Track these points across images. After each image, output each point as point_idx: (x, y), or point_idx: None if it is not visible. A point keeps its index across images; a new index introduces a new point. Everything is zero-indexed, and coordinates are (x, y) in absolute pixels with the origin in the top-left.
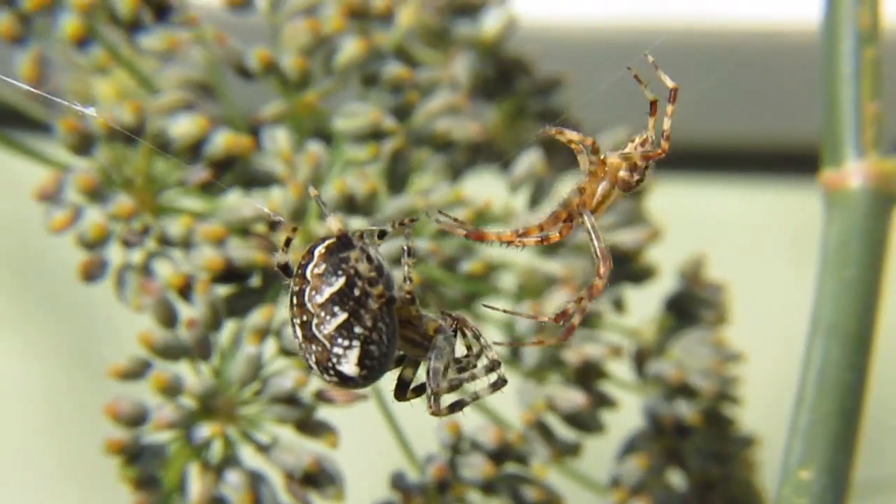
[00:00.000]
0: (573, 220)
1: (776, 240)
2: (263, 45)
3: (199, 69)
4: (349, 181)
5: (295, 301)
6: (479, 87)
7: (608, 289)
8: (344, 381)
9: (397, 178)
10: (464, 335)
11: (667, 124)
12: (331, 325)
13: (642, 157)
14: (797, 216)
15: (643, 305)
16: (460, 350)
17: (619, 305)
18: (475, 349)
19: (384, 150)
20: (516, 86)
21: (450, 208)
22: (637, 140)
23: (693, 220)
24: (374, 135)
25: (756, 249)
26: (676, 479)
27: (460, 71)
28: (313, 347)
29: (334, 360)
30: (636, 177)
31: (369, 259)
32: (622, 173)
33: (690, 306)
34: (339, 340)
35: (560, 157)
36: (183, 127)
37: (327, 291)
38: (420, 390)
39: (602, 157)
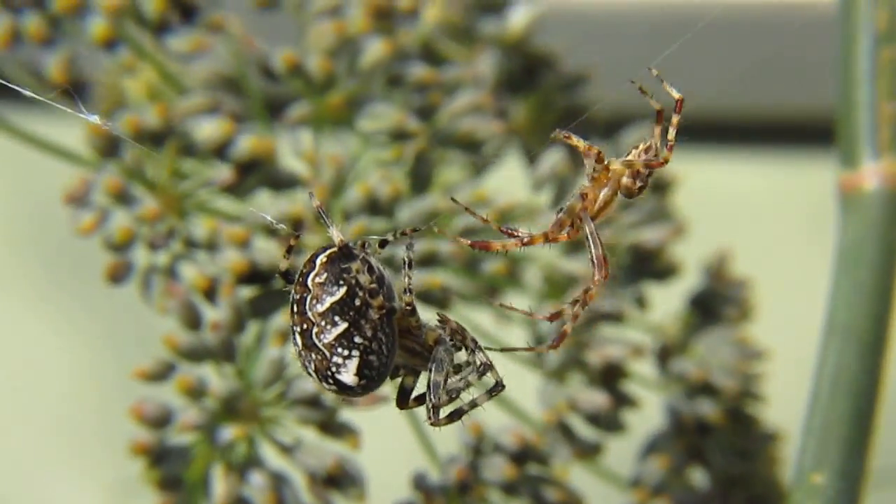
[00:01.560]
0: (575, 224)
1: (796, 214)
2: (289, 46)
3: (226, 63)
4: (373, 183)
5: (296, 309)
6: (505, 82)
7: (626, 289)
8: (343, 389)
9: (420, 178)
10: (457, 338)
11: (671, 134)
12: (331, 335)
13: (645, 166)
14: (819, 190)
15: (668, 296)
16: (460, 357)
17: (641, 302)
18: (467, 353)
19: (408, 151)
20: (542, 80)
21: (473, 208)
22: (641, 147)
23: (711, 196)
24: (399, 136)
25: (776, 224)
26: (699, 476)
27: (485, 68)
28: (313, 356)
29: (333, 369)
30: (639, 184)
31: (370, 270)
32: (625, 180)
33: (714, 303)
34: (339, 350)
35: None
36: (208, 130)
37: (328, 301)
38: (422, 399)
39: (606, 163)
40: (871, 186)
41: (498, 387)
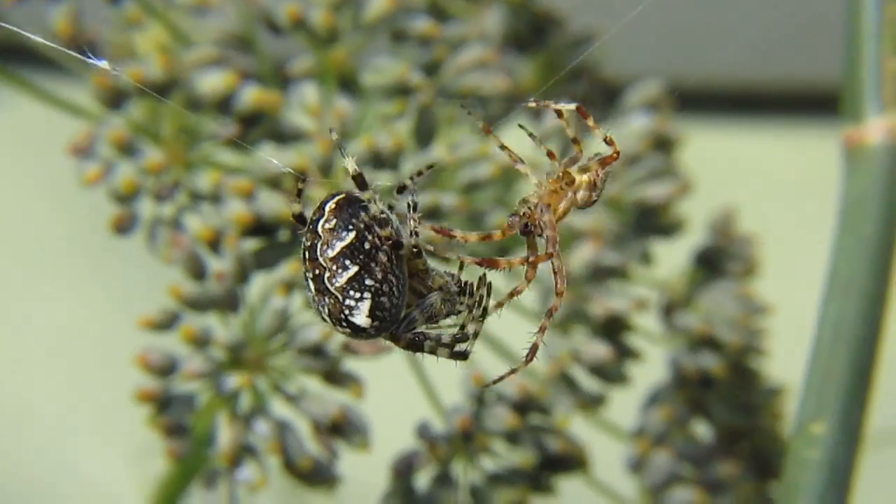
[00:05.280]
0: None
1: (803, 177)
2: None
3: (234, 22)
4: (376, 136)
5: (307, 255)
6: (512, 41)
7: (631, 244)
8: (356, 332)
9: (424, 133)
10: (469, 294)
11: (601, 133)
12: (342, 278)
13: (599, 164)
14: (824, 153)
15: (674, 252)
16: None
17: (646, 258)
18: (471, 310)
19: (412, 105)
20: (550, 39)
21: (475, 162)
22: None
23: (718, 155)
24: (402, 90)
25: (783, 185)
26: (702, 428)
27: (491, 25)
28: (326, 300)
29: (346, 311)
30: (594, 196)
31: (379, 211)
32: (582, 191)
33: (720, 259)
34: (351, 293)
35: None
36: (212, 82)
37: (338, 245)
38: (414, 346)
39: (562, 171)
40: (875, 141)
41: (460, 354)
